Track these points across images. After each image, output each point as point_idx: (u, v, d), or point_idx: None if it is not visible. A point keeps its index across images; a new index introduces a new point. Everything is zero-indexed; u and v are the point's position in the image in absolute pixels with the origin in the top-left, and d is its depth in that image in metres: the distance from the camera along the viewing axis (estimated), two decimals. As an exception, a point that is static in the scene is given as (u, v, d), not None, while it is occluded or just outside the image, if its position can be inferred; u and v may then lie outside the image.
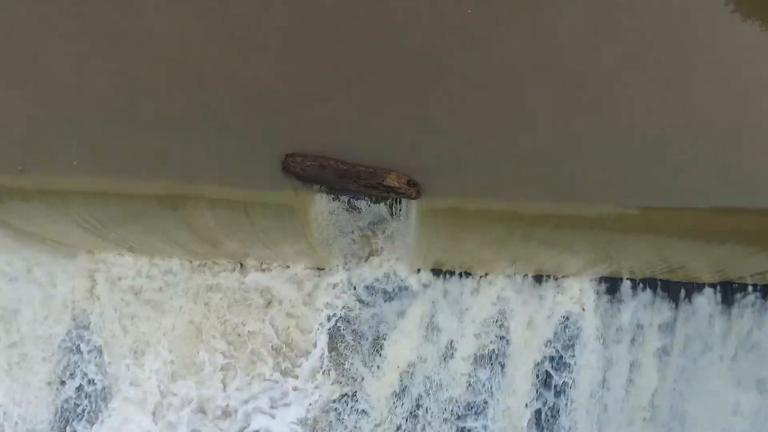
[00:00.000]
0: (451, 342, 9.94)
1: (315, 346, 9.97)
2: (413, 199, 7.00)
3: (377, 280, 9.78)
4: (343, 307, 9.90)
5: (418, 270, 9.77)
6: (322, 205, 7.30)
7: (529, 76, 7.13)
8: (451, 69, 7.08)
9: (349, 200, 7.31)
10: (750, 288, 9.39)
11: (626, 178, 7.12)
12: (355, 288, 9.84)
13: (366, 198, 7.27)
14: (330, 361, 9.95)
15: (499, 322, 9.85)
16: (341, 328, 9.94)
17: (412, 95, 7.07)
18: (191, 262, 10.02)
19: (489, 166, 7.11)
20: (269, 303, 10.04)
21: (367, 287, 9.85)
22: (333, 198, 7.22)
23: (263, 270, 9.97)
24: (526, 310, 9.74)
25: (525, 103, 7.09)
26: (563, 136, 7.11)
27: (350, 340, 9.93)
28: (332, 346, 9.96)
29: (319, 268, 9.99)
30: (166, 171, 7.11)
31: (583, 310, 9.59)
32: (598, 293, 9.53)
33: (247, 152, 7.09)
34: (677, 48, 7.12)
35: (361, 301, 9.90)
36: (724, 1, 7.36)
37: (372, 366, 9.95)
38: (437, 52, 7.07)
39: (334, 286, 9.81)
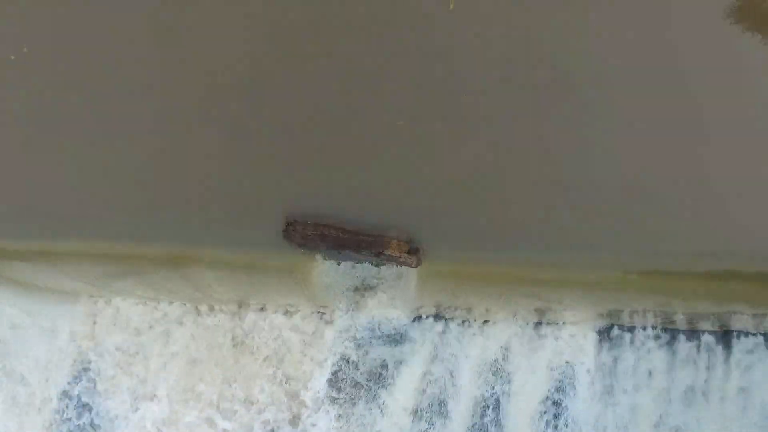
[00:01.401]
0: (453, 383, 9.99)
1: (316, 389, 10.00)
2: (414, 267, 7.02)
3: (377, 324, 9.79)
4: (343, 351, 9.92)
5: (419, 315, 9.80)
6: (323, 268, 7.33)
7: (531, 147, 7.13)
8: (453, 139, 7.08)
9: (350, 264, 7.33)
10: (750, 335, 9.43)
11: (626, 244, 7.14)
12: (355, 332, 9.86)
13: (367, 262, 7.30)
14: (332, 404, 9.99)
15: (499, 365, 9.89)
16: (342, 372, 9.97)
17: (414, 163, 7.07)
18: (189, 306, 10.05)
19: (489, 232, 7.12)
20: (268, 346, 10.07)
21: (367, 331, 9.86)
22: (334, 263, 7.24)
23: (262, 315, 9.99)
24: (525, 355, 9.77)
25: (525, 172, 7.09)
26: (563, 202, 7.11)
27: (352, 383, 9.97)
28: (334, 389, 10.00)
29: (319, 312, 10.02)
30: (167, 235, 7.15)
31: (583, 355, 9.63)
32: (597, 340, 9.55)
33: (248, 217, 7.11)
34: (680, 116, 7.11)
35: (361, 344, 9.92)
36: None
37: (375, 408, 10.01)
38: (443, 122, 7.07)
39: (335, 330, 9.82)
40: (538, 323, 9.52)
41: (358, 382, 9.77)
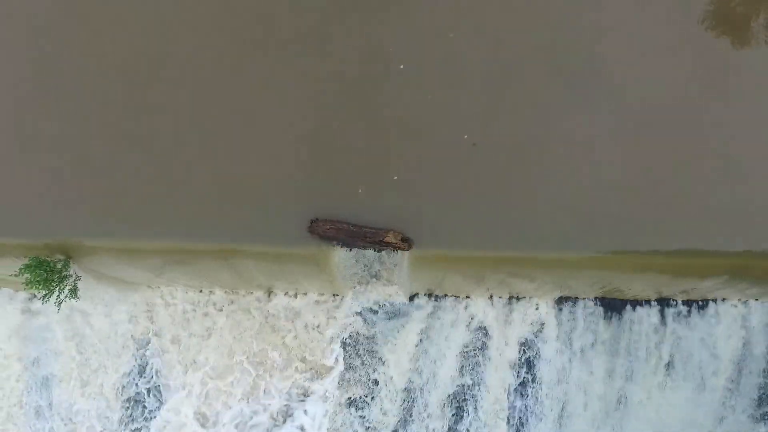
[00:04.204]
0: (443, 346, 12.35)
1: (332, 357, 12.32)
2: (406, 251, 9.32)
3: (381, 304, 12.13)
4: (353, 326, 12.26)
5: (415, 295, 12.14)
6: (338, 256, 9.61)
7: (501, 156, 9.42)
8: (438, 160, 9.40)
9: (358, 251, 9.61)
10: (679, 303, 11.79)
11: (584, 230, 9.35)
12: (363, 310, 12.20)
13: (371, 249, 9.57)
14: (344, 368, 12.33)
15: (479, 331, 12.26)
16: (353, 343, 12.31)
17: (407, 175, 9.38)
18: (230, 292, 12.39)
19: (467, 224, 9.36)
20: (293, 323, 12.39)
21: (372, 310, 12.21)
22: (347, 250, 9.53)
23: (288, 297, 12.32)
24: (499, 322, 12.14)
25: (498, 177, 9.37)
26: (529, 200, 9.35)
27: (361, 351, 12.31)
28: (346, 357, 12.34)
29: (334, 294, 12.33)
30: (220, 234, 9.41)
31: (546, 322, 12.00)
32: (557, 309, 11.91)
33: (281, 219, 9.37)
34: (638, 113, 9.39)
35: (368, 320, 12.26)
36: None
37: (379, 371, 12.34)
38: (436, 148, 9.42)
39: (347, 309, 12.16)
40: (510, 296, 11.87)
41: (366, 349, 12.10)
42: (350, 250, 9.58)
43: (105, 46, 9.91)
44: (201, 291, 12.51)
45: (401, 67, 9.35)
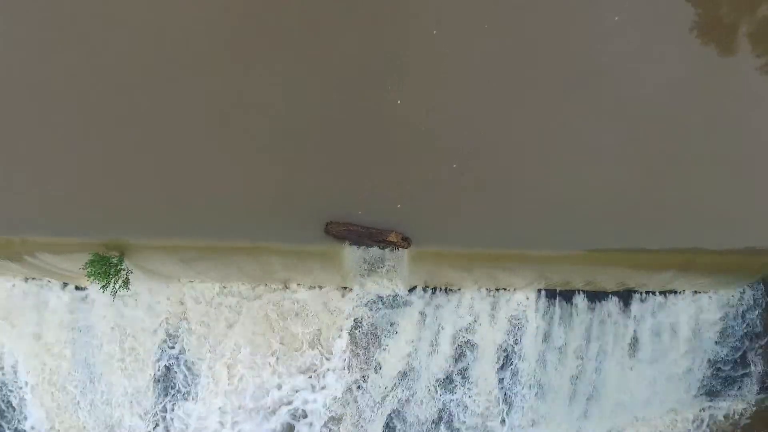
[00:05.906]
0: (438, 332, 14.14)
1: (341, 341, 14.10)
2: (405, 248, 11.11)
3: (384, 294, 13.92)
4: (360, 314, 14.04)
5: (413, 287, 13.93)
6: (349, 253, 11.39)
7: (491, 164, 11.20)
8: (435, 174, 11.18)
9: (365, 249, 11.39)
10: (642, 292, 13.61)
11: (562, 230, 11.11)
12: (369, 300, 13.98)
13: (376, 247, 11.35)
14: (351, 351, 14.10)
15: (470, 319, 14.06)
16: (359, 328, 14.09)
17: (408, 185, 11.16)
18: (252, 284, 14.16)
19: (459, 226, 11.14)
20: (307, 311, 14.17)
21: (377, 299, 13.99)
22: (356, 248, 11.31)
23: (303, 289, 14.09)
24: (487, 309, 13.94)
25: (486, 186, 11.13)
26: (512, 204, 11.12)
27: (366, 336, 14.09)
28: (353, 341, 14.11)
29: (343, 287, 14.10)
30: (250, 234, 11.18)
31: (527, 311, 13.80)
32: (538, 300, 13.72)
33: (302, 221, 11.13)
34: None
35: (372, 309, 14.04)
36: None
37: (381, 353, 14.12)
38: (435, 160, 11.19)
39: (354, 299, 13.95)
40: (496, 288, 13.65)
41: (370, 334, 13.89)
42: (358, 247, 11.36)
43: (126, 50, 11.36)
44: (226, 284, 14.28)
45: (398, 102, 11.17)
